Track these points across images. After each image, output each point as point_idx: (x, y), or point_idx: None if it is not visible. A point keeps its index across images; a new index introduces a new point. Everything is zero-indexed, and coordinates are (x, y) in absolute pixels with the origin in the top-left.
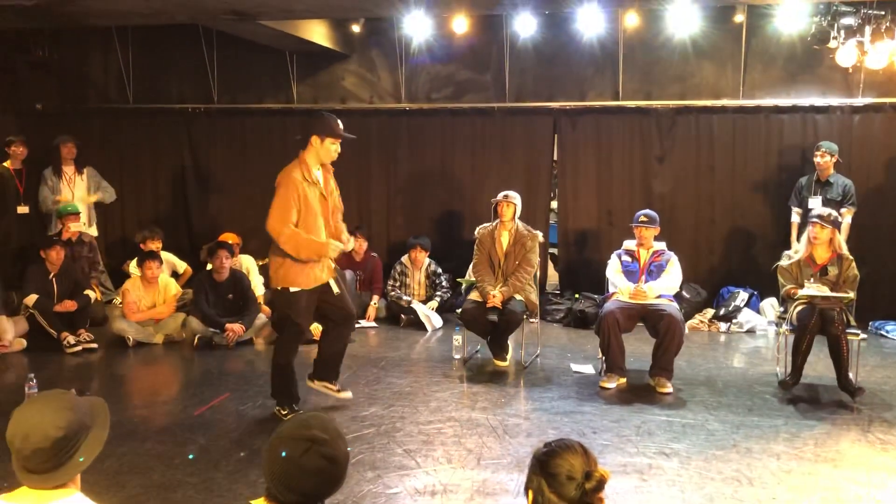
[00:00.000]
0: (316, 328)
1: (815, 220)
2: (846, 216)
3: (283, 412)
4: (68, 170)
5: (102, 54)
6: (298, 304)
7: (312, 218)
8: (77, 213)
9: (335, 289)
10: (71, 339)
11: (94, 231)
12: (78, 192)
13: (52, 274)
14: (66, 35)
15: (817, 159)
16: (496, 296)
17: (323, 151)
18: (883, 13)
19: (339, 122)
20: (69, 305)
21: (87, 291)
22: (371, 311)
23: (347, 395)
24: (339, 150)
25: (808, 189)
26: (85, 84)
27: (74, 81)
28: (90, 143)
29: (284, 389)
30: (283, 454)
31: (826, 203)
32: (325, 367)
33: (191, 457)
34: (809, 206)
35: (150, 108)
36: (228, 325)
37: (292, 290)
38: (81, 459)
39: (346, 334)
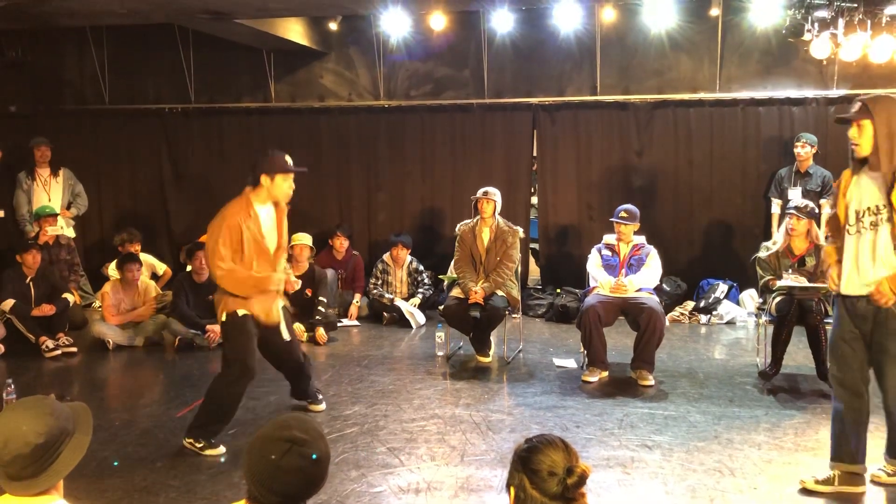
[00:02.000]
0: (299, 328)
1: (792, 211)
2: (825, 207)
3: (198, 445)
4: (43, 172)
5: (77, 55)
6: (244, 330)
7: (252, 254)
8: (55, 215)
9: (285, 335)
10: (49, 343)
11: (71, 233)
12: (54, 195)
13: (28, 278)
14: (40, 36)
15: (797, 150)
16: (478, 292)
17: (275, 189)
18: (855, 5)
19: (287, 157)
20: (47, 310)
21: (66, 295)
22: (353, 310)
23: (321, 407)
24: (292, 186)
25: (788, 180)
26: (60, 85)
27: (49, 83)
28: (66, 145)
29: (205, 422)
30: (264, 456)
31: (805, 194)
32: (296, 387)
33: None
34: (789, 198)
35: (127, 109)
36: (209, 327)
37: (239, 313)
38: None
39: (295, 358)
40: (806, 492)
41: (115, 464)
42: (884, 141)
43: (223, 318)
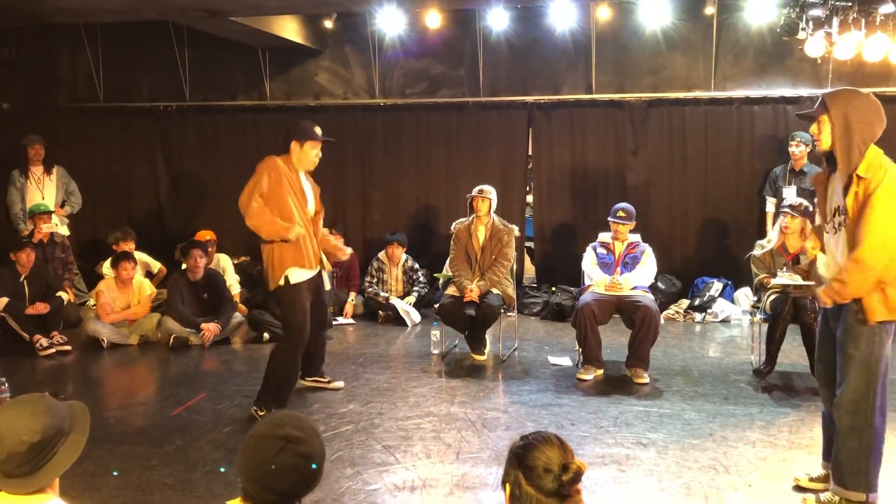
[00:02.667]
0: None
1: (786, 210)
2: None
3: (261, 413)
4: (36, 171)
5: (71, 52)
6: (299, 298)
7: (286, 206)
8: (49, 213)
9: (327, 285)
10: (44, 341)
11: (65, 231)
12: (48, 193)
13: (22, 276)
14: (34, 33)
15: (792, 149)
16: (473, 290)
17: (303, 156)
18: (850, 4)
19: (317, 127)
20: (41, 308)
21: (60, 293)
22: (348, 308)
23: (339, 384)
24: (319, 154)
25: (783, 179)
26: (53, 83)
27: (42, 80)
28: (59, 143)
29: (275, 392)
30: (259, 454)
31: (800, 193)
32: (311, 364)
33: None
34: (784, 196)
35: (121, 107)
36: (204, 325)
37: (291, 281)
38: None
39: (324, 333)
40: (800, 489)
41: (115, 473)
42: (840, 137)
43: (280, 284)
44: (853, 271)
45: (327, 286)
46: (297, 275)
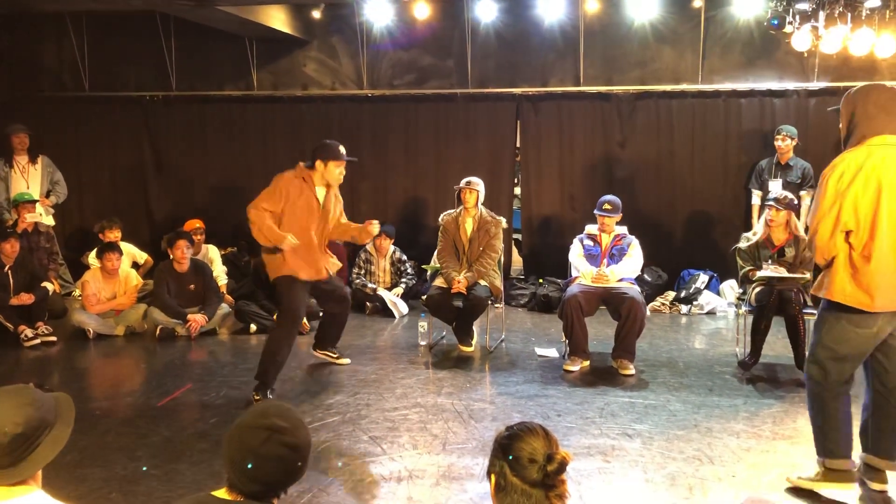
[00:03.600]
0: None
1: (771, 203)
2: (805, 199)
3: (257, 398)
4: (21, 160)
5: (56, 42)
6: (295, 286)
7: (294, 218)
8: (34, 202)
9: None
10: (28, 332)
11: (50, 221)
12: (33, 183)
13: (7, 267)
14: (18, 21)
15: (778, 143)
16: (461, 282)
17: (327, 174)
18: None
19: (341, 147)
20: (25, 298)
21: (45, 284)
22: None
23: (346, 361)
24: (343, 172)
25: (769, 172)
26: (38, 72)
27: (27, 69)
28: (45, 133)
29: (267, 376)
30: (244, 444)
31: (786, 186)
32: (325, 339)
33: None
34: (770, 189)
35: (107, 96)
36: (190, 316)
37: (286, 273)
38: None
39: (345, 309)
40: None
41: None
42: (844, 132)
43: (274, 278)
44: None
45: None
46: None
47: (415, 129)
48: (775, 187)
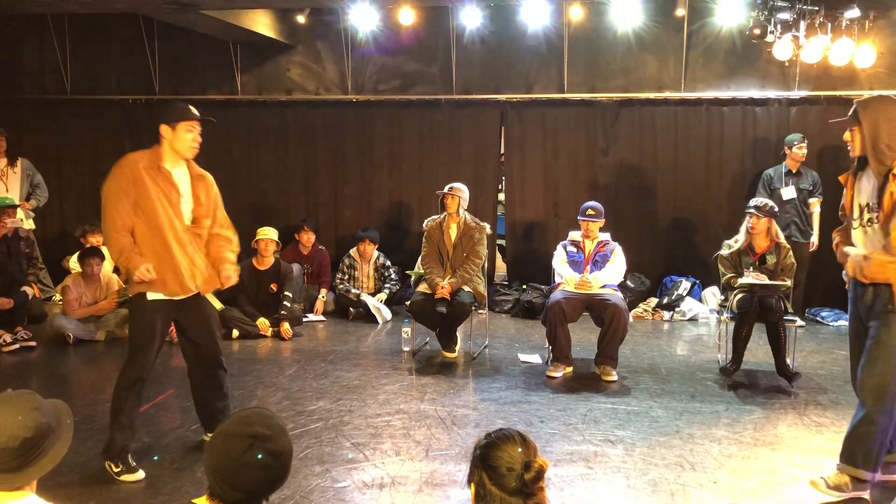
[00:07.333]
0: (263, 322)
1: (751, 210)
2: (815, 206)
3: (115, 469)
4: (0, 163)
5: (37, 44)
6: (146, 315)
7: (144, 215)
8: (14, 207)
9: (217, 304)
10: (7, 337)
11: (30, 225)
12: (12, 186)
13: None
14: None
15: (797, 151)
16: (445, 287)
17: (178, 141)
18: (816, 8)
19: (191, 106)
20: (4, 303)
21: (25, 288)
22: (319, 305)
23: None
24: (197, 138)
25: (780, 180)
26: (18, 74)
27: (7, 71)
28: (25, 135)
29: (113, 424)
30: (226, 452)
31: (799, 192)
32: (210, 418)
33: (155, 458)
34: (784, 196)
35: (89, 100)
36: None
37: (149, 296)
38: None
39: (218, 374)
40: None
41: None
42: (871, 144)
43: (129, 295)
44: (881, 254)
45: (217, 305)
46: (154, 294)
47: (399, 134)
48: (789, 194)
